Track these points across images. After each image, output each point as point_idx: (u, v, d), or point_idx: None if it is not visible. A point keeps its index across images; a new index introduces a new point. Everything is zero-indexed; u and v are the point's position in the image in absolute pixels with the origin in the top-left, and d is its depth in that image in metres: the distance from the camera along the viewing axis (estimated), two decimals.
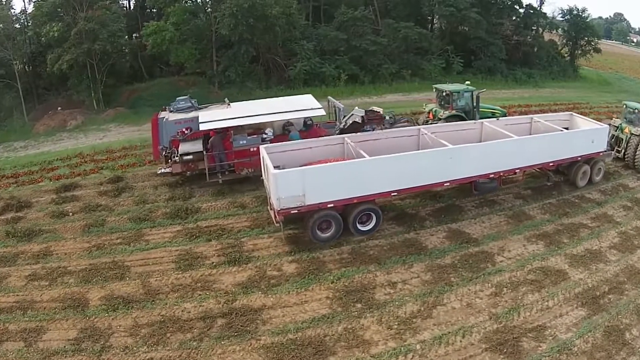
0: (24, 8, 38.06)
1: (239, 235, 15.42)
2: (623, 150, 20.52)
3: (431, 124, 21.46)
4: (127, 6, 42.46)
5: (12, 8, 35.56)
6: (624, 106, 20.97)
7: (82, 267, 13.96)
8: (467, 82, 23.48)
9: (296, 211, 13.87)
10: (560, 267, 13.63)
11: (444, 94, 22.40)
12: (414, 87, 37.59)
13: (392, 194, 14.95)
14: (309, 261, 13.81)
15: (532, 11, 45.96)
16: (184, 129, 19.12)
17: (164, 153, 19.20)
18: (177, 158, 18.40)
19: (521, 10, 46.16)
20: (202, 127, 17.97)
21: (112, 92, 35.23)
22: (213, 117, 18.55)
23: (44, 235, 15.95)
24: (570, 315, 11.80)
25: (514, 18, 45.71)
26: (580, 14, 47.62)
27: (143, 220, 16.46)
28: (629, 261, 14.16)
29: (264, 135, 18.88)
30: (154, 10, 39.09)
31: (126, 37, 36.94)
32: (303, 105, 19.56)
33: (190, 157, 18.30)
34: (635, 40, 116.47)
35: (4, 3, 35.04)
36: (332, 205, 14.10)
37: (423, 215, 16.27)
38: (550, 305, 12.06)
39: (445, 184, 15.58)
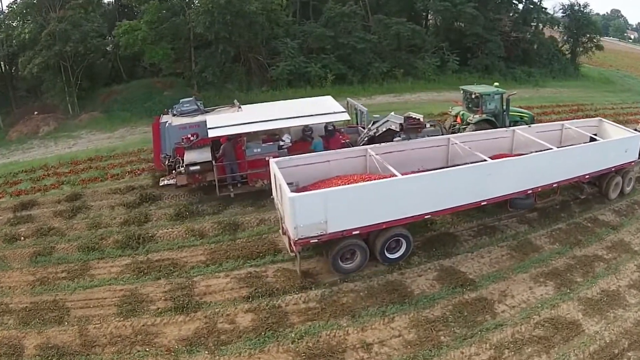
0: (1, 9, 36.49)
1: (191, 273, 13.25)
2: None
3: (459, 128, 20.23)
4: (113, 2, 40.28)
5: None
6: None
7: (24, 305, 12.60)
8: (496, 84, 21.79)
9: (316, 240, 11.84)
10: (573, 317, 11.31)
11: (473, 96, 20.70)
12: (407, 87, 35.38)
13: (426, 217, 13.13)
14: (268, 311, 11.46)
15: (531, 6, 43.71)
16: (189, 135, 17.07)
17: (166, 162, 17.23)
18: (183, 168, 16.42)
19: (520, 6, 44.02)
20: (211, 133, 15.91)
21: (88, 95, 33.34)
22: (223, 121, 16.58)
23: None
24: None
25: (511, 14, 43.36)
26: (582, 9, 45.51)
27: (92, 250, 14.75)
28: None
29: (281, 142, 16.87)
30: (136, 8, 36.74)
31: (108, 37, 34.90)
32: (324, 108, 17.54)
33: (197, 167, 16.28)
34: (632, 37, 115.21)
35: None
36: (357, 232, 12.11)
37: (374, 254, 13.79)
38: None
39: (482, 204, 13.72)
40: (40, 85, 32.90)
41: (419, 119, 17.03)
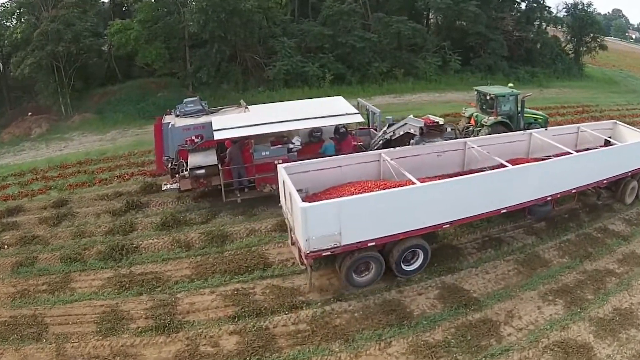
0: None
1: (175, 288, 12.41)
2: None
3: (473, 130, 19.64)
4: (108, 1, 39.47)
5: None
6: None
7: (3, 319, 12.06)
8: (510, 85, 21.43)
9: (329, 253, 11.09)
10: (584, 339, 10.45)
11: (488, 97, 20.11)
12: (407, 87, 34.50)
13: (444, 227, 12.42)
14: (254, 333, 10.59)
15: (534, 4, 42.76)
16: (193, 137, 16.22)
17: (169, 165, 16.35)
18: (187, 172, 15.55)
19: (523, 5, 43.11)
20: (217, 135, 15.14)
21: (82, 95, 32.75)
22: (229, 123, 15.81)
23: None
24: None
25: (513, 13, 42.41)
26: (586, 8, 44.68)
27: (74, 261, 14.04)
28: None
29: (291, 145, 16.18)
30: (131, 7, 35.98)
31: (104, 36, 34.11)
32: (336, 109, 16.77)
33: (202, 171, 15.42)
34: (633, 36, 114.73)
35: None
36: (373, 243, 11.39)
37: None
38: None
39: (502, 211, 13.10)
40: (34, 85, 32.28)
41: (438, 122, 16.38)
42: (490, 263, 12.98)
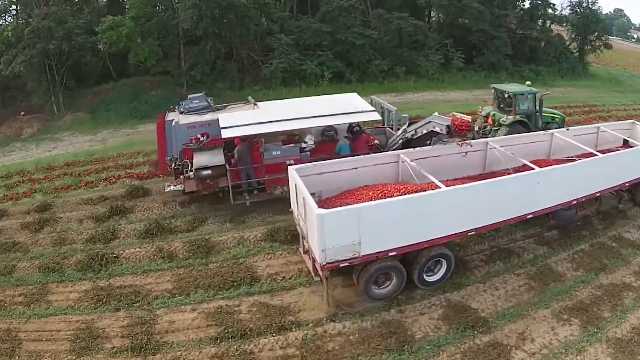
0: None
1: (154, 304, 11.55)
2: None
3: (490, 130, 19.47)
4: None
5: None
6: None
7: None
8: (528, 83, 20.73)
9: (347, 264, 10.28)
10: None
11: (506, 96, 19.42)
12: (409, 86, 33.49)
13: (469, 234, 11.69)
14: (237, 358, 9.69)
15: (539, 1, 41.80)
16: (198, 135, 15.34)
17: (173, 166, 15.56)
18: (192, 173, 14.74)
19: (527, 2, 42.17)
20: (225, 133, 14.21)
21: (75, 94, 31.85)
22: (237, 120, 14.87)
23: None
24: None
25: (516, 11, 41.51)
26: (590, 6, 43.80)
27: (52, 271, 13.43)
28: None
29: (304, 144, 15.28)
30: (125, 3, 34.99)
31: (98, 33, 33.16)
32: (351, 107, 15.90)
33: (208, 171, 14.55)
34: (635, 36, 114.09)
35: None
36: (394, 253, 10.59)
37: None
38: None
39: (528, 217, 12.38)
40: (27, 84, 31.62)
41: (466, 120, 15.50)
42: (499, 277, 12.00)
